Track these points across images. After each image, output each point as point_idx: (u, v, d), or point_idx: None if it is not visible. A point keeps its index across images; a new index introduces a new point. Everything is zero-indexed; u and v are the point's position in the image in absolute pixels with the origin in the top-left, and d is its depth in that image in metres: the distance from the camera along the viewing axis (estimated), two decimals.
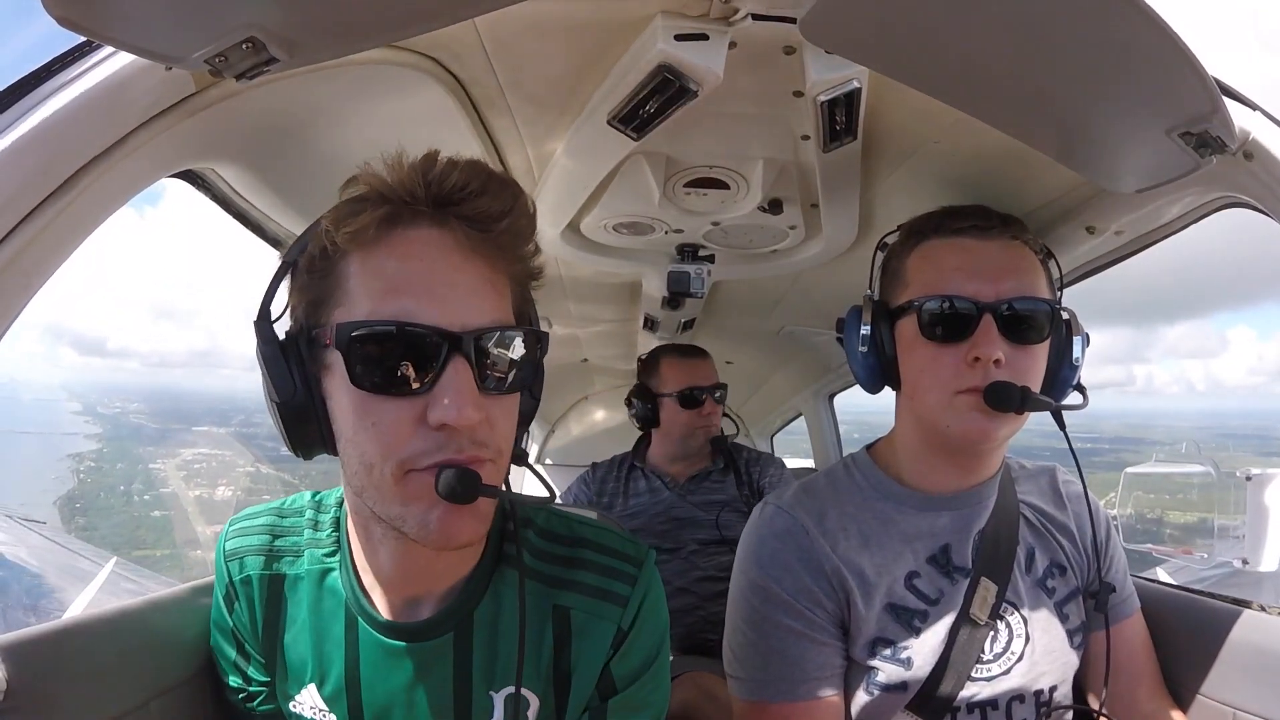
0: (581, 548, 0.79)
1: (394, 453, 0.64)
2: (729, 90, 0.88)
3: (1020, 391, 0.89)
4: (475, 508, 0.66)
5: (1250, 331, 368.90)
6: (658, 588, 0.80)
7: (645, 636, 0.78)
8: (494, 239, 0.67)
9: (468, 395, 0.63)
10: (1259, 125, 0.78)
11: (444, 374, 0.63)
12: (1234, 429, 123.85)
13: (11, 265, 0.61)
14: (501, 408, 0.68)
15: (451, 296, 0.65)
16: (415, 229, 0.66)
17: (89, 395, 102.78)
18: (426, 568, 0.75)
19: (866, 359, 1.00)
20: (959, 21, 0.63)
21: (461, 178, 0.66)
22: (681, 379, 2.07)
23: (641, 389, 2.15)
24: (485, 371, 0.65)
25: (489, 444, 0.66)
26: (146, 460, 46.76)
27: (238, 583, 0.82)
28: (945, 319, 0.93)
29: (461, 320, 0.64)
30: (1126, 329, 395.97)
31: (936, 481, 1.00)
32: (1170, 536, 4.92)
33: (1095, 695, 1.02)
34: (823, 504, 1.01)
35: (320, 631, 0.80)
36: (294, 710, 0.82)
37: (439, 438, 0.63)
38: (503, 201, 0.67)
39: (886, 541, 0.98)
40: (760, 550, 0.99)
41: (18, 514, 4.83)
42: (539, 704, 0.77)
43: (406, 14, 0.62)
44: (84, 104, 0.63)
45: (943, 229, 0.97)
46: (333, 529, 0.82)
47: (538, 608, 0.76)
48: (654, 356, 2.17)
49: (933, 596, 0.97)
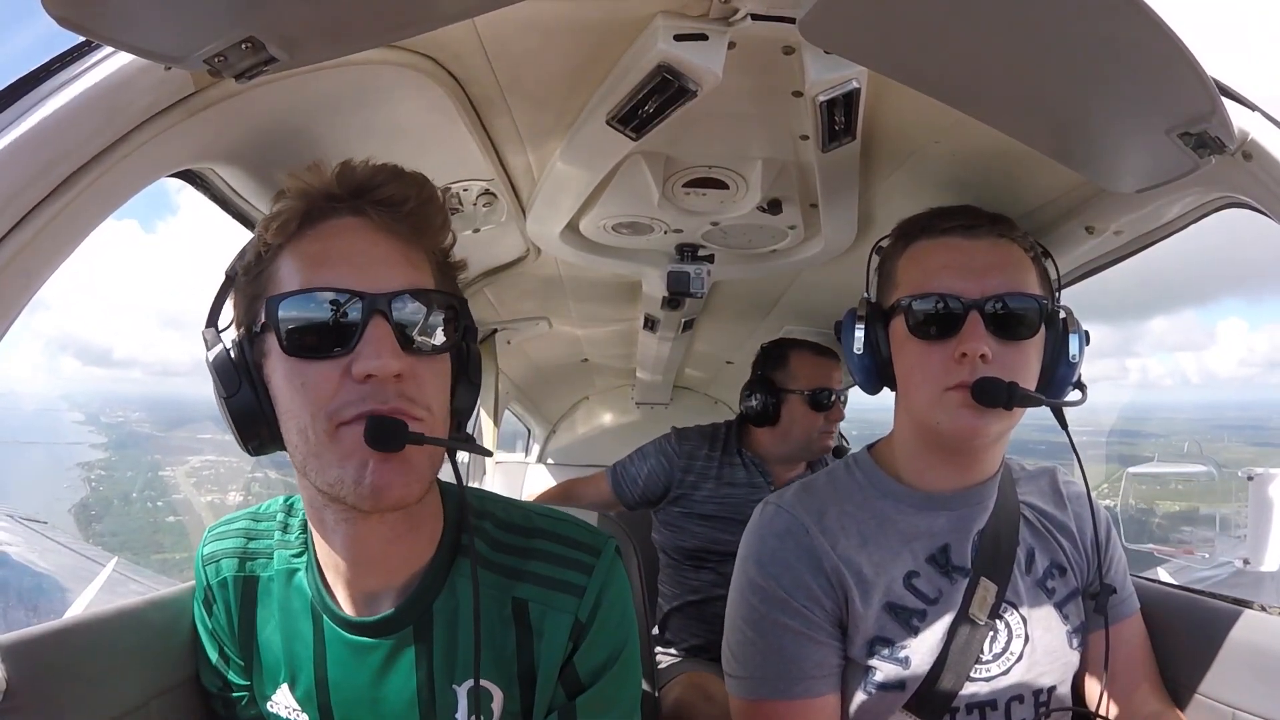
0: (536, 538, 0.80)
1: (322, 407, 0.67)
2: (728, 90, 0.88)
3: (1008, 387, 0.89)
4: (408, 463, 0.68)
5: (1242, 323, 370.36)
6: (620, 579, 0.80)
7: (608, 629, 0.78)
8: (404, 219, 0.72)
9: (387, 346, 0.67)
10: (1258, 125, 0.78)
11: (365, 331, 0.67)
12: (1230, 420, 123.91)
13: (11, 265, 0.61)
14: (428, 368, 0.71)
15: (369, 265, 0.70)
16: (336, 218, 0.72)
17: (90, 405, 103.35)
18: (380, 556, 0.76)
19: (863, 360, 1.01)
20: (958, 22, 0.63)
21: (370, 172, 0.73)
22: (815, 377, 1.93)
23: (764, 381, 1.97)
24: (406, 331, 0.69)
25: (416, 400, 0.69)
26: (155, 468, 47.14)
27: (214, 586, 0.84)
28: (932, 316, 0.93)
29: (379, 284, 0.69)
30: (1117, 322, 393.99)
31: (935, 481, 1.00)
32: (1159, 526, 4.91)
33: (1095, 695, 1.02)
34: (823, 503, 1.01)
35: (290, 631, 0.81)
36: (271, 710, 0.83)
37: (364, 389, 0.67)
38: (408, 188, 0.72)
39: (885, 541, 0.98)
40: (761, 549, 1.00)
41: (19, 514, 4.83)
42: (503, 697, 0.77)
43: (406, 14, 0.62)
44: (83, 104, 0.63)
45: (931, 229, 0.98)
46: (301, 530, 0.83)
47: (497, 600, 0.77)
48: (782, 349, 2.02)
49: (931, 596, 0.97)
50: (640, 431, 3.41)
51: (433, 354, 0.72)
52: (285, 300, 0.69)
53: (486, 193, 1.26)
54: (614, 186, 1.23)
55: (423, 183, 0.74)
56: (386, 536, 0.75)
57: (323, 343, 0.68)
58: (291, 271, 0.70)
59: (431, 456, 0.70)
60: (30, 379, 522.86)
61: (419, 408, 0.68)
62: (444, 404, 0.74)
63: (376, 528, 0.74)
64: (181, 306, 31.51)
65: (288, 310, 0.68)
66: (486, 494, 0.86)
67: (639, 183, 1.22)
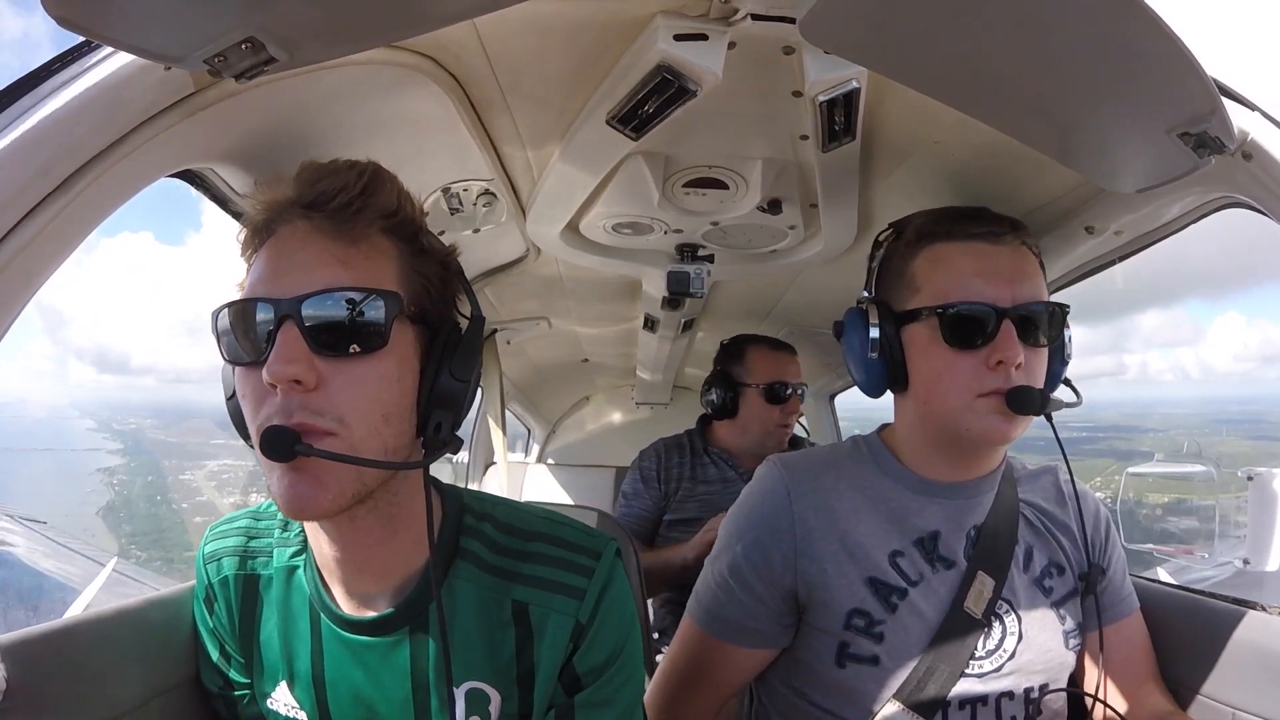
0: (536, 541, 0.79)
1: (254, 420, 0.67)
2: (728, 90, 0.88)
3: (1040, 395, 0.91)
4: (317, 476, 0.66)
5: (1239, 318, 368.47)
6: (620, 581, 0.80)
7: (608, 630, 0.77)
8: (337, 213, 0.69)
9: (285, 352, 0.64)
10: (1258, 125, 0.78)
11: (276, 338, 0.66)
12: (1231, 415, 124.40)
13: (11, 265, 0.61)
14: (346, 375, 0.67)
15: (289, 270, 0.68)
16: (286, 226, 0.71)
17: (100, 412, 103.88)
18: (366, 557, 0.76)
19: (872, 363, 1.00)
20: (958, 22, 0.63)
21: (317, 174, 0.71)
22: (770, 371, 2.01)
23: (722, 376, 2.05)
24: (319, 334, 0.66)
25: (325, 412, 0.65)
26: (175, 472, 47.36)
27: (215, 584, 0.84)
28: (968, 324, 0.93)
29: (294, 288, 0.67)
30: (1117, 318, 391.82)
31: (935, 470, 1.02)
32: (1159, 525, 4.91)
33: (1095, 693, 1.02)
34: (819, 470, 1.03)
35: (289, 629, 0.81)
36: (270, 708, 0.83)
37: (279, 399, 0.65)
38: (342, 178, 0.70)
39: (876, 515, 1.00)
40: (747, 500, 1.06)
41: (18, 514, 4.83)
42: (500, 699, 0.77)
43: (406, 14, 0.62)
44: (83, 104, 0.63)
45: (955, 233, 0.97)
46: (300, 529, 0.83)
47: (496, 603, 0.77)
48: (740, 344, 2.09)
49: (913, 578, 0.97)
50: (640, 431, 3.41)
51: (356, 357, 0.67)
52: (220, 312, 0.70)
53: (486, 193, 1.26)
54: (614, 186, 1.23)
55: (364, 169, 0.72)
56: (367, 539, 0.74)
57: (247, 352, 0.68)
58: (248, 285, 0.71)
59: (352, 468, 0.66)
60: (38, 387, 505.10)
61: (327, 419, 0.65)
62: (368, 412, 0.68)
63: (349, 531, 0.74)
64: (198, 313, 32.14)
65: (223, 322, 0.69)
66: (488, 496, 0.85)
67: (639, 183, 1.22)
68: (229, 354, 0.70)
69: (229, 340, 0.69)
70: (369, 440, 0.67)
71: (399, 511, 0.75)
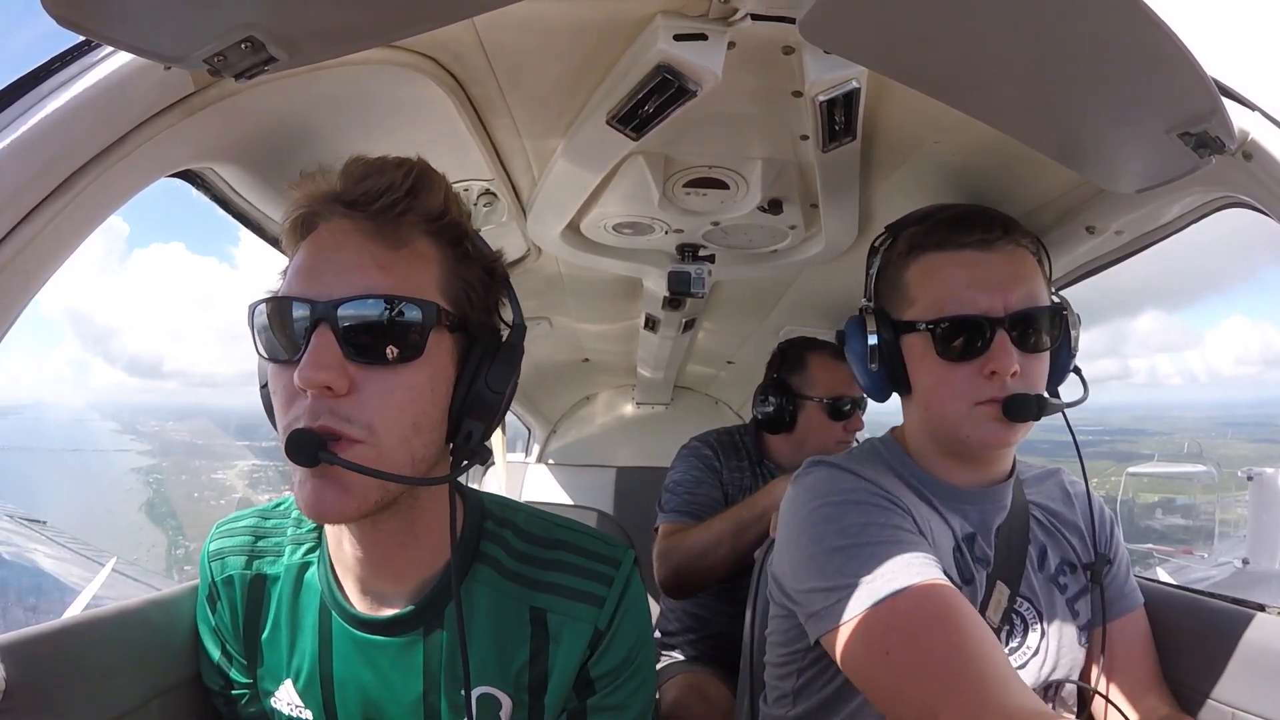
0: (559, 550, 0.79)
1: (282, 419, 0.67)
2: (728, 90, 0.88)
3: (1036, 400, 0.91)
4: (341, 482, 0.65)
5: (1244, 320, 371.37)
6: (637, 587, 0.80)
7: (624, 636, 0.78)
8: (380, 215, 0.68)
9: (318, 358, 0.64)
10: (1258, 125, 0.78)
11: (310, 340, 0.65)
12: (1240, 418, 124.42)
13: (11, 265, 0.61)
14: (378, 382, 0.66)
15: (328, 270, 0.68)
16: (328, 223, 0.70)
17: (122, 415, 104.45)
18: (386, 558, 0.76)
19: (875, 372, 1.00)
20: (958, 22, 0.63)
21: (363, 170, 0.70)
22: (834, 384, 1.80)
23: (780, 385, 1.84)
24: (353, 339, 0.65)
25: (353, 419, 0.65)
26: (208, 471, 47.81)
27: (219, 583, 0.84)
28: (959, 337, 0.93)
29: (332, 291, 0.66)
30: (1121, 322, 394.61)
31: (958, 478, 1.01)
32: (1158, 525, 4.89)
33: (1095, 687, 1.03)
34: (866, 471, 0.98)
35: (296, 626, 0.81)
36: (274, 706, 0.83)
37: (308, 402, 0.65)
38: (386, 178, 0.69)
39: (931, 514, 0.98)
40: (829, 487, 0.95)
41: (18, 514, 4.83)
42: (511, 705, 0.77)
43: (406, 14, 0.62)
44: (83, 104, 0.63)
45: (946, 243, 0.96)
46: (315, 526, 0.82)
47: (513, 609, 0.77)
48: (800, 352, 1.87)
49: (967, 576, 0.97)
50: (640, 431, 3.40)
51: (390, 365, 0.66)
52: (257, 306, 0.69)
53: (487, 193, 1.26)
54: (614, 186, 1.23)
55: (410, 168, 0.70)
56: (389, 542, 0.74)
57: (282, 351, 0.67)
58: (286, 280, 0.70)
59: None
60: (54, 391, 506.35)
61: (355, 426, 0.64)
62: (398, 422, 0.67)
63: (372, 534, 0.74)
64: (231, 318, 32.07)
65: (259, 317, 0.69)
66: (509, 502, 0.85)
67: (639, 183, 1.22)
68: (264, 349, 0.69)
69: (265, 335, 0.69)
70: (398, 449, 0.67)
71: (422, 516, 0.75)
